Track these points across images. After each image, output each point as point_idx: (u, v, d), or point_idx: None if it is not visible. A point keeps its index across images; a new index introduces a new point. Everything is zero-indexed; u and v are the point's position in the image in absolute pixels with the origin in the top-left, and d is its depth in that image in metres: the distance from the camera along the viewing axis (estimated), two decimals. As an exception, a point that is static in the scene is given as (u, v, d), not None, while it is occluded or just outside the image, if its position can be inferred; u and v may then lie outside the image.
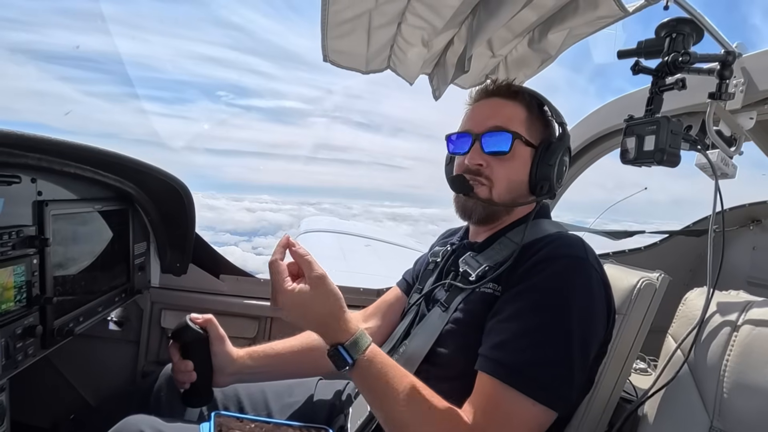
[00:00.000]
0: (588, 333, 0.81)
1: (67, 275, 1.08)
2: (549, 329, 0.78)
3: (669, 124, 0.88)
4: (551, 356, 0.76)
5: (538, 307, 0.80)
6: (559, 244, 0.86)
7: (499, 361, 0.77)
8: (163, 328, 1.63)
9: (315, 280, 0.81)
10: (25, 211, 0.96)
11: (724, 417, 0.77)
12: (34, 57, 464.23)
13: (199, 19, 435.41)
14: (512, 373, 0.75)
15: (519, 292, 0.82)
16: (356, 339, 0.80)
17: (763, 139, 1.35)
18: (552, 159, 0.95)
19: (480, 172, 0.96)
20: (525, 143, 0.95)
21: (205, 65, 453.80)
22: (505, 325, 0.81)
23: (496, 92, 1.01)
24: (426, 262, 1.17)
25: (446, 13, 1.03)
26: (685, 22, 0.90)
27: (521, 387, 0.74)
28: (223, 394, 1.08)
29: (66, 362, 1.58)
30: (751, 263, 1.94)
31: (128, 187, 1.33)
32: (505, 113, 0.97)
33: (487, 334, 0.83)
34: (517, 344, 0.77)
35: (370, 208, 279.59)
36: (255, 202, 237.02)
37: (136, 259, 1.44)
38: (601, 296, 0.84)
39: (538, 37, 1.15)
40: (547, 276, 0.82)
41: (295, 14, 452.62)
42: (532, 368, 0.75)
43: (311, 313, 0.81)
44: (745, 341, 0.78)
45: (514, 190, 0.96)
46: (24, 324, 0.93)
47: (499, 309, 0.83)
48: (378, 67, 1.29)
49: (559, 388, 0.76)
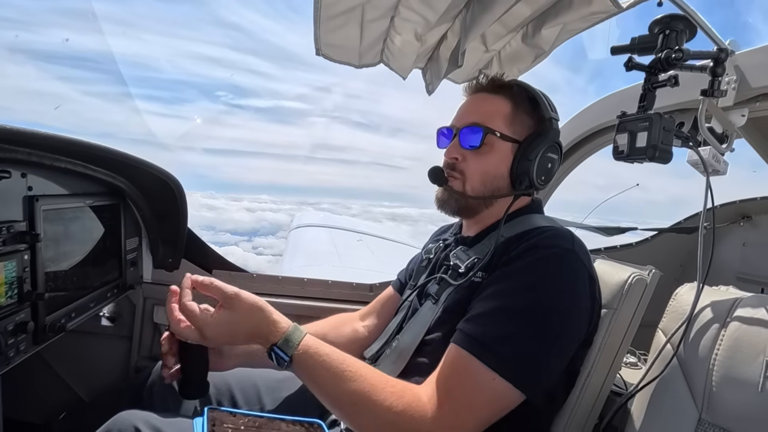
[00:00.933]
0: (566, 321, 0.82)
1: (58, 271, 1.08)
2: (523, 309, 0.79)
3: (661, 120, 0.89)
4: (521, 334, 0.77)
5: (516, 289, 0.81)
6: (548, 235, 0.88)
7: (467, 333, 0.79)
8: (155, 324, 1.62)
9: (230, 300, 0.83)
10: (16, 206, 0.95)
11: (713, 410, 0.78)
12: (33, 57, 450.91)
13: (198, 18, 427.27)
14: (476, 343, 0.77)
15: (502, 274, 0.84)
16: (287, 337, 0.81)
17: (754, 137, 1.37)
18: (532, 154, 0.95)
19: (455, 166, 0.99)
20: (502, 138, 0.96)
21: (204, 65, 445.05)
22: (482, 302, 0.83)
23: (482, 87, 1.03)
24: (419, 260, 1.18)
25: (440, 7, 1.02)
26: (678, 19, 0.90)
27: (483, 358, 0.75)
28: (215, 389, 1.08)
29: (58, 358, 1.57)
30: (741, 259, 1.97)
31: (119, 182, 1.31)
32: (485, 109, 0.98)
33: (468, 312, 0.85)
34: (488, 319, 0.79)
35: (369, 208, 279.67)
36: (254, 202, 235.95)
37: (128, 254, 1.43)
38: (585, 288, 0.85)
39: (532, 32, 1.15)
40: (531, 261, 0.83)
41: (294, 14, 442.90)
42: (498, 342, 0.76)
43: (238, 331, 0.83)
44: (734, 336, 0.79)
45: (489, 184, 0.97)
46: (15, 320, 0.92)
47: (482, 290, 0.85)
48: (371, 61, 1.28)
49: (525, 367, 0.76)
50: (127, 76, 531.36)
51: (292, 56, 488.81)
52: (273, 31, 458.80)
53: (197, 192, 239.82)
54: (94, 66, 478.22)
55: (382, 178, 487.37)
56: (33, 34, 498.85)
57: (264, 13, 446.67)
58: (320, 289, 1.71)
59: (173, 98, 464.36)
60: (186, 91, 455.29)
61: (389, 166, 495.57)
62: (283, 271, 4.80)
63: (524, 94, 1.00)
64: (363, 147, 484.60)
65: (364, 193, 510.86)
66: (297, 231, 6.96)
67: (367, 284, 1.73)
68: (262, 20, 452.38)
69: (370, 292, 1.71)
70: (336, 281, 1.73)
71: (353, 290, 1.72)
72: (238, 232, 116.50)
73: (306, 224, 7.37)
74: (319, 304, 1.67)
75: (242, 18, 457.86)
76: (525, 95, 1.00)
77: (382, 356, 1.01)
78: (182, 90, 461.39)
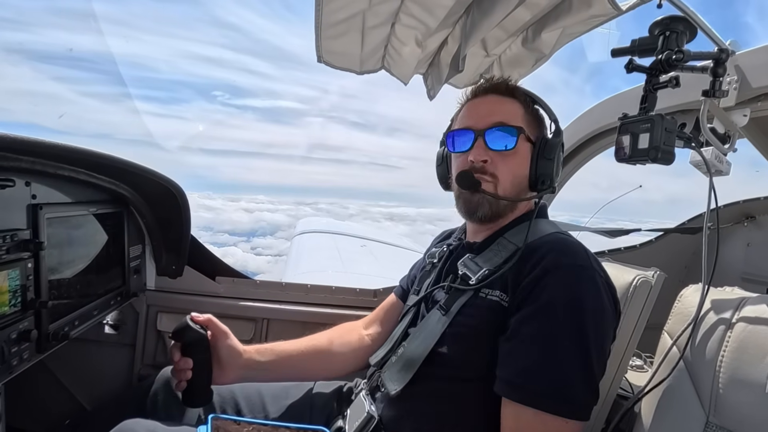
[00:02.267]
0: (603, 339, 0.83)
1: (62, 279, 1.08)
2: (568, 347, 0.78)
3: (663, 121, 0.89)
4: (575, 374, 0.77)
5: (553, 326, 0.79)
6: (561, 253, 0.85)
7: (525, 387, 0.77)
8: (159, 331, 1.62)
9: None
10: (20, 214, 0.95)
11: (720, 412, 0.77)
12: (29, 57, 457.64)
13: (196, 19, 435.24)
14: (543, 397, 0.76)
15: (533, 312, 0.81)
16: None
17: (756, 136, 1.36)
18: (551, 154, 0.96)
19: (485, 169, 0.95)
20: (526, 139, 0.96)
21: (201, 65, 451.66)
22: (525, 348, 0.80)
23: (493, 89, 1.01)
24: (422, 265, 1.17)
25: (440, 13, 1.03)
26: (678, 20, 0.90)
27: (553, 409, 0.75)
28: (220, 397, 1.08)
29: (61, 366, 1.57)
30: (745, 259, 1.95)
31: (123, 189, 1.32)
32: (506, 109, 0.97)
33: (507, 356, 0.82)
34: (540, 367, 0.77)
35: (367, 207, 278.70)
36: (252, 203, 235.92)
37: (132, 261, 1.44)
38: (609, 300, 0.85)
39: (532, 36, 1.15)
40: (555, 289, 0.80)
41: (291, 14, 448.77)
42: (559, 390, 0.76)
43: None
44: (740, 337, 0.78)
45: (517, 186, 0.97)
46: (19, 328, 0.92)
47: (514, 329, 0.82)
48: (372, 67, 1.29)
49: (584, 400, 0.77)
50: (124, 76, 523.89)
51: (289, 56, 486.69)
52: (271, 31, 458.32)
53: (195, 192, 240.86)
54: (90, 66, 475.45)
55: (379, 177, 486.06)
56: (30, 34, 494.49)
57: (261, 13, 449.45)
58: (324, 295, 1.70)
59: (170, 98, 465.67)
60: (183, 91, 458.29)
61: (386, 165, 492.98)
62: (286, 277, 4.80)
63: (528, 99, 1.01)
64: (360, 147, 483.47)
65: (361, 193, 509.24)
66: (300, 237, 6.97)
67: (371, 290, 1.72)
68: (260, 20, 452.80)
69: (374, 298, 1.70)
70: (340, 287, 1.72)
71: (357, 296, 1.71)
72: (237, 232, 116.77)
73: (309, 230, 7.39)
74: (323, 310, 1.66)
75: (240, 18, 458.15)
76: (529, 99, 1.01)
77: (387, 363, 1.00)
78: (179, 90, 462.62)
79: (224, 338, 1.01)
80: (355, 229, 8.30)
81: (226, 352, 1.00)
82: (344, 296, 1.70)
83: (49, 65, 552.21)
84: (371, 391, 1.01)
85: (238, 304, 1.64)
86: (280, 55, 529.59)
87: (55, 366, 1.57)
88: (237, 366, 1.01)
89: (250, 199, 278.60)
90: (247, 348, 1.05)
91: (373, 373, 1.05)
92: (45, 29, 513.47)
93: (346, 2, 0.98)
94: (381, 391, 0.97)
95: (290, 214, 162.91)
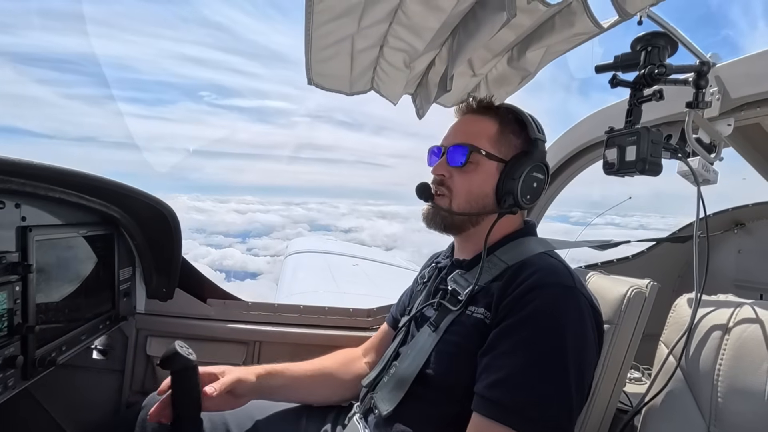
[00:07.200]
0: (584, 362, 0.80)
1: (50, 302, 1.05)
2: (546, 365, 0.76)
3: (649, 134, 0.91)
4: (550, 392, 0.75)
5: (532, 343, 0.78)
6: (546, 273, 0.85)
7: (496, 401, 0.76)
8: (148, 356, 1.58)
9: None
10: (8, 236, 0.93)
11: (721, 421, 0.77)
12: (11, 59, 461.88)
13: (181, 18, 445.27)
14: (510, 412, 0.74)
15: (511, 325, 0.80)
16: None
17: (742, 145, 1.39)
18: (517, 173, 0.96)
19: (442, 182, 1.01)
20: (487, 156, 0.97)
21: (187, 65, 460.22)
22: (500, 361, 0.79)
23: (469, 109, 1.06)
24: (412, 289, 1.20)
25: (427, 36, 1.05)
26: (659, 36, 0.93)
27: (520, 426, 0.74)
28: (211, 423, 1.04)
29: (47, 394, 1.52)
30: (736, 266, 1.98)
31: (113, 211, 1.31)
32: (472, 129, 1.01)
33: (483, 370, 0.81)
34: (514, 382, 0.76)
35: (357, 206, 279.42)
36: (241, 204, 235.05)
37: (122, 284, 1.41)
38: (592, 323, 0.84)
39: (517, 55, 1.18)
40: (537, 307, 0.80)
41: (276, 12, 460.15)
42: (531, 407, 0.74)
43: None
44: (737, 344, 0.78)
45: (474, 201, 0.98)
46: (4, 354, 0.90)
47: (493, 343, 0.81)
48: (362, 88, 1.31)
49: (558, 422, 0.75)
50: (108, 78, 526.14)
51: (276, 55, 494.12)
52: (257, 30, 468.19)
53: (183, 195, 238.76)
54: (74, 68, 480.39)
55: (367, 176, 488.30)
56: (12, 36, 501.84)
57: (246, 11, 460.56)
58: (317, 316, 1.67)
59: (155, 99, 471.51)
60: (168, 92, 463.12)
61: (374, 164, 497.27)
62: (279, 298, 4.75)
63: (511, 116, 1.02)
64: (347, 146, 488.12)
65: (350, 192, 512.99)
66: (292, 257, 6.93)
67: (364, 309, 1.70)
68: (246, 19, 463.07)
69: (368, 318, 1.68)
70: (332, 308, 1.70)
71: (350, 316, 1.69)
72: (231, 233, 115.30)
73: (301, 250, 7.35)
74: (316, 331, 1.64)
75: (225, 17, 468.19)
76: (512, 117, 1.02)
77: (380, 383, 0.99)
78: (164, 91, 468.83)
79: (237, 384, 1.00)
80: (347, 248, 8.28)
81: (238, 386, 1.00)
82: (338, 317, 1.68)
83: (32, 67, 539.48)
84: (364, 414, 1.00)
85: (230, 327, 1.61)
86: (266, 54, 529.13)
87: (40, 393, 1.51)
88: (250, 392, 1.03)
89: (239, 201, 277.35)
90: (260, 372, 1.05)
91: (365, 395, 1.04)
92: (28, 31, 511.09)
93: (336, 26, 0.99)
94: (374, 413, 0.96)
95: (283, 214, 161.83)
